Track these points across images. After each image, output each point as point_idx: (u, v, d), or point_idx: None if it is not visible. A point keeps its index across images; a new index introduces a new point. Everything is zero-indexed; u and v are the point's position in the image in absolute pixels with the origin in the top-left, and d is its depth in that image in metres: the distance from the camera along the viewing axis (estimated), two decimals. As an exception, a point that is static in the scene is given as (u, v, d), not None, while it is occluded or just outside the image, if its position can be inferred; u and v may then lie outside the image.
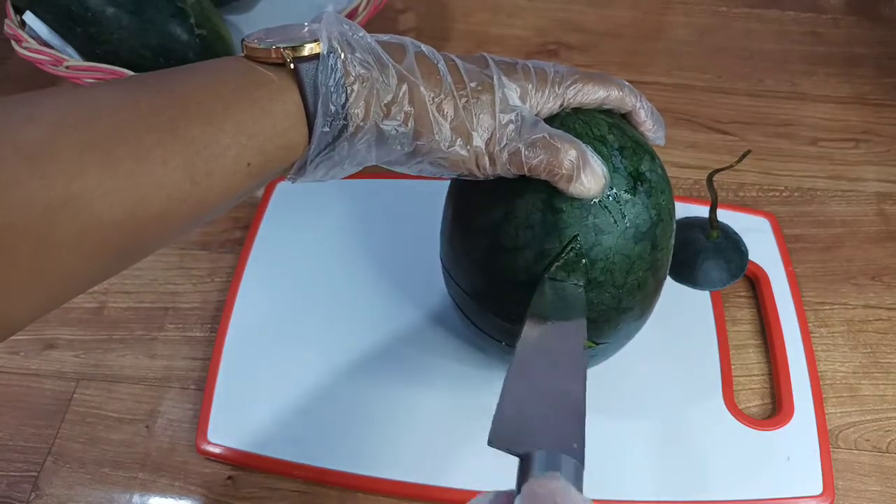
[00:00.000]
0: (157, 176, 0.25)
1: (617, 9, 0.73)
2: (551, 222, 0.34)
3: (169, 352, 0.49)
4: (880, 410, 0.46)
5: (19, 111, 0.23)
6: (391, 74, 0.30)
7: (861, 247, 0.54)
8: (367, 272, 0.52)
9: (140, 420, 0.46)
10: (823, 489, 0.42)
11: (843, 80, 0.66)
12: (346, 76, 0.29)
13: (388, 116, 0.30)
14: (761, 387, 0.47)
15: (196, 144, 0.26)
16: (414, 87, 0.30)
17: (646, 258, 0.35)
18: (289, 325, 0.49)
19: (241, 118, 0.27)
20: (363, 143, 0.30)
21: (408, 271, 0.51)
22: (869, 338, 0.49)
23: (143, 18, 0.53)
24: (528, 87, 0.33)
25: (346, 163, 0.31)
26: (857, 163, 0.60)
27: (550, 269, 0.34)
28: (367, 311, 0.50)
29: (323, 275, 0.52)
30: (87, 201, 0.23)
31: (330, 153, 0.30)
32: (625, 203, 0.34)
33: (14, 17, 0.55)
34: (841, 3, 0.74)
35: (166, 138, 0.25)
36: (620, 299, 0.36)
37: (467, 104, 0.31)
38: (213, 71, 0.28)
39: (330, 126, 0.29)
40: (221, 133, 0.26)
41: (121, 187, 0.24)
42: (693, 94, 0.65)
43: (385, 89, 0.30)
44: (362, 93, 0.29)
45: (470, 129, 0.32)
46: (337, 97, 0.28)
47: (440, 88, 0.31)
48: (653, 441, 0.44)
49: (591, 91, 0.35)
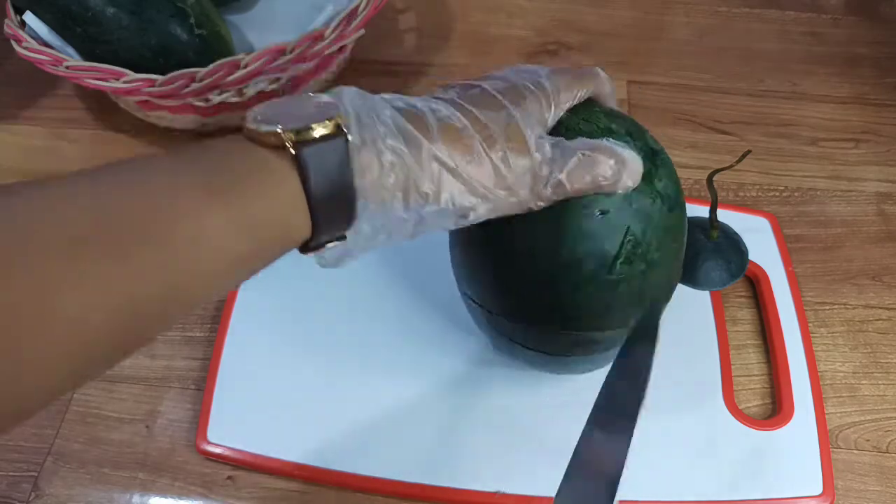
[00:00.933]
0: (134, 274, 0.22)
1: (617, 9, 0.73)
2: (604, 226, 0.34)
3: (169, 352, 0.49)
4: (880, 410, 0.46)
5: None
6: (425, 157, 0.27)
7: (861, 247, 0.54)
8: (368, 271, 0.52)
9: (140, 420, 0.46)
10: (823, 489, 0.42)
11: (843, 80, 0.66)
12: (354, 172, 0.26)
13: (407, 203, 0.28)
14: (761, 387, 0.47)
15: (187, 236, 0.23)
16: (444, 163, 0.28)
17: (682, 223, 0.37)
18: (289, 324, 0.49)
19: (236, 210, 0.24)
20: (394, 225, 0.28)
21: (411, 269, 0.51)
22: (869, 338, 0.49)
23: (143, 18, 0.53)
24: (542, 112, 0.32)
25: (378, 240, 0.29)
26: (858, 163, 0.60)
27: (615, 268, 0.34)
28: (368, 310, 0.50)
29: (323, 274, 0.52)
30: (66, 303, 0.21)
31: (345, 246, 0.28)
32: (653, 180, 0.35)
33: (14, 17, 0.55)
34: (841, 3, 0.74)
35: (153, 229, 0.23)
36: (671, 271, 0.37)
37: (504, 156, 0.30)
38: (206, 154, 0.26)
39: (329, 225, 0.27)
40: (214, 225, 0.24)
41: (107, 286, 0.21)
42: (693, 94, 0.65)
43: (421, 175, 0.27)
44: (398, 181, 0.27)
45: (510, 178, 0.30)
46: (342, 194, 0.26)
47: (472, 154, 0.29)
48: (652, 441, 0.44)
49: (578, 88, 0.34)
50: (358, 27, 0.54)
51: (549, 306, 0.36)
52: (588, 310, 0.36)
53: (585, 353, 0.39)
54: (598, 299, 0.35)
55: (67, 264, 0.21)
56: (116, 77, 0.51)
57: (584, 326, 0.37)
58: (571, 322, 0.37)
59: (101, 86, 0.51)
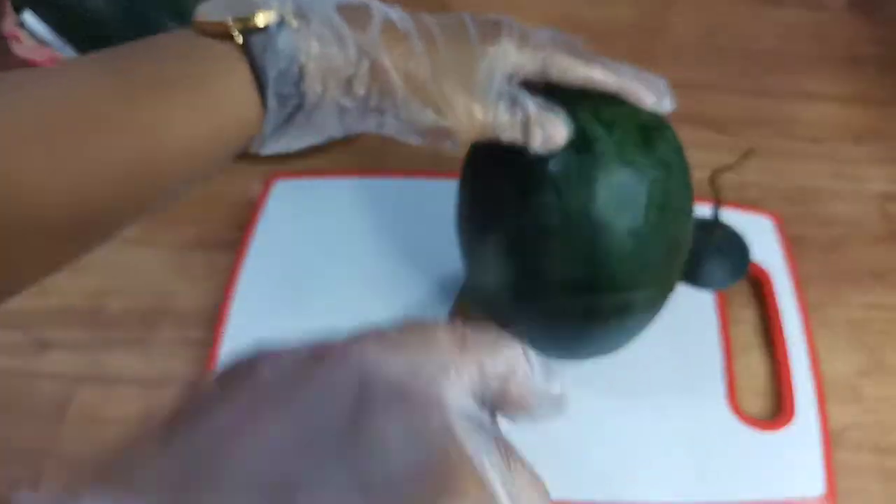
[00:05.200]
0: (105, 153, 0.25)
1: (618, 7, 0.72)
2: (630, 178, 0.35)
3: (168, 352, 0.49)
4: (883, 411, 0.46)
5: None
6: (350, 48, 0.28)
7: (864, 247, 0.54)
8: (366, 271, 0.51)
9: (140, 421, 0.46)
10: (825, 490, 0.42)
11: (845, 79, 0.66)
12: (299, 51, 0.27)
13: (349, 92, 0.29)
14: (763, 387, 0.47)
15: (145, 123, 0.26)
16: (377, 59, 0.29)
17: (690, 181, 0.39)
18: (288, 325, 0.49)
19: (191, 98, 0.27)
20: (325, 117, 0.29)
21: (409, 270, 0.51)
22: (872, 338, 0.49)
23: (143, 18, 0.53)
24: (510, 48, 0.32)
25: (310, 134, 0.30)
26: (860, 162, 0.60)
27: (649, 217, 0.35)
28: (367, 310, 0.50)
29: (322, 274, 0.52)
30: (26, 182, 0.23)
31: (286, 128, 0.29)
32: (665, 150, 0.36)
33: (13, 17, 0.55)
34: (844, 2, 0.73)
35: (112, 117, 0.25)
36: (691, 221, 0.39)
37: (442, 73, 0.30)
38: (161, 45, 0.28)
39: (282, 105, 0.28)
40: (171, 112, 0.26)
41: (66, 167, 0.24)
42: (694, 93, 0.65)
43: (344, 64, 0.28)
44: (318, 69, 0.28)
45: (446, 97, 0.30)
46: (289, 74, 0.27)
47: (408, 58, 0.29)
48: (654, 441, 0.44)
49: (575, 66, 0.34)
50: (358, 26, 0.54)
51: (588, 273, 0.36)
52: (627, 266, 0.36)
53: (620, 320, 0.39)
54: (634, 255, 0.35)
55: (35, 147, 0.24)
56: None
57: (622, 285, 0.36)
58: (612, 282, 0.36)
59: (100, 85, 0.51)
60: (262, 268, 0.52)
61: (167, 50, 0.28)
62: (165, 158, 0.26)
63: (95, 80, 0.26)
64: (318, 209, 0.55)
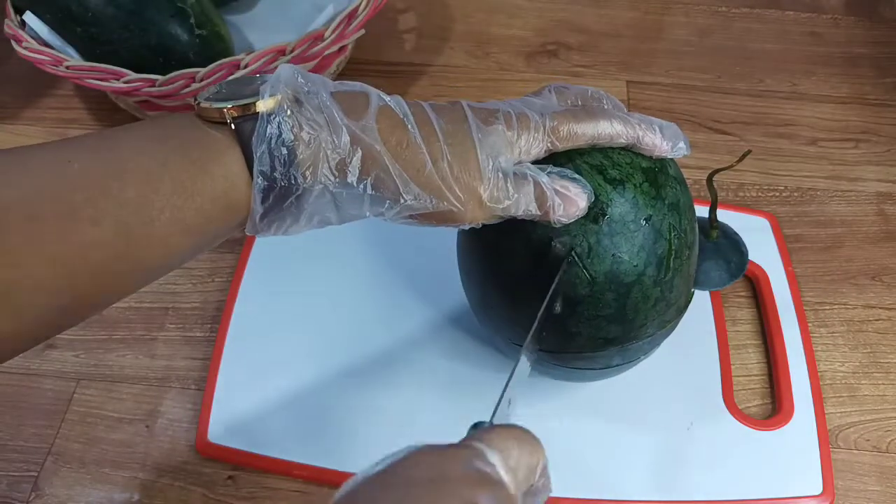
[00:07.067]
0: (87, 235, 0.25)
1: (617, 9, 0.73)
2: (651, 231, 0.35)
3: (169, 352, 0.49)
4: (880, 410, 0.46)
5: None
6: (342, 135, 0.28)
7: (861, 247, 0.54)
8: (367, 272, 0.52)
9: (140, 420, 0.46)
10: (823, 489, 0.42)
11: (842, 80, 0.66)
12: (289, 136, 0.27)
13: (341, 179, 0.29)
14: (761, 387, 0.47)
15: (129, 204, 0.26)
16: (370, 146, 0.29)
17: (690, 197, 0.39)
18: (289, 325, 0.49)
19: (179, 179, 0.27)
20: (317, 202, 0.29)
21: (410, 272, 0.51)
22: (869, 338, 0.50)
23: (144, 18, 0.53)
24: (510, 135, 0.31)
25: (303, 222, 0.30)
26: (857, 163, 0.60)
27: (671, 266, 0.36)
28: (368, 311, 0.50)
29: (323, 275, 0.52)
30: (7, 259, 0.23)
31: (279, 212, 0.29)
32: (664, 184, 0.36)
33: (14, 17, 0.55)
34: (840, 4, 0.74)
35: (97, 198, 0.25)
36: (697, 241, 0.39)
37: (441, 158, 0.30)
38: (158, 128, 0.28)
39: (271, 188, 0.28)
40: (156, 194, 0.26)
41: (46, 246, 0.24)
42: (693, 94, 0.65)
43: (335, 150, 0.28)
44: (309, 154, 0.28)
45: (448, 182, 0.30)
46: (277, 160, 0.27)
47: (405, 145, 0.29)
48: (652, 441, 0.44)
49: (580, 130, 0.33)
50: (358, 27, 0.54)
51: (618, 329, 0.36)
52: (649, 315, 0.36)
53: (644, 354, 0.40)
54: (660, 301, 0.36)
55: (24, 238, 0.24)
56: (117, 77, 0.51)
57: (644, 334, 0.37)
58: (643, 330, 0.37)
59: (101, 86, 0.51)
60: (265, 268, 0.52)
61: (163, 130, 0.28)
62: (152, 239, 0.27)
63: (81, 158, 0.26)
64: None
